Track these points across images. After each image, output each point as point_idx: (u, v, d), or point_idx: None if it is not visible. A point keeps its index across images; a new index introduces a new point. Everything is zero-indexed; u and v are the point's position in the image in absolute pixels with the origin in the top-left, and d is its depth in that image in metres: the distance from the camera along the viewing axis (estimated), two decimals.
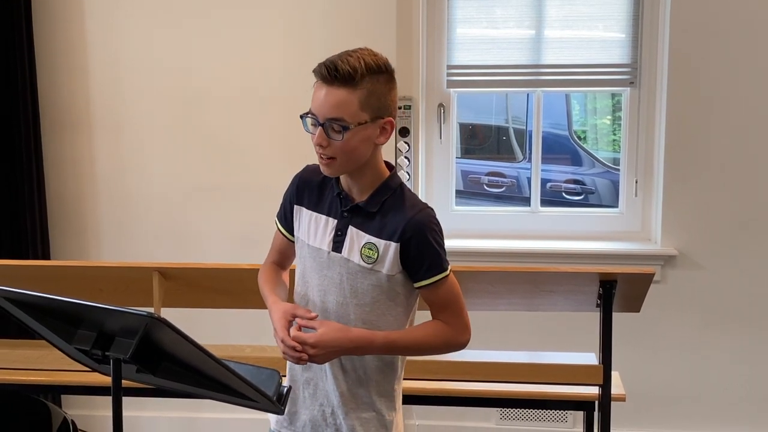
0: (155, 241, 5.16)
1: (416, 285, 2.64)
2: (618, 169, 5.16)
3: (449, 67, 5.03)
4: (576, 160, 5.89)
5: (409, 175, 4.94)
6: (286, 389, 2.44)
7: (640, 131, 4.97)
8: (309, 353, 2.54)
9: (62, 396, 5.16)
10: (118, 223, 5.23)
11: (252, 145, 4.92)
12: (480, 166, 5.82)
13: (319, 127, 2.53)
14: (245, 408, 2.59)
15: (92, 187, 5.20)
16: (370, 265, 2.59)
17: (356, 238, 2.61)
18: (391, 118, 2.61)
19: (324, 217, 2.67)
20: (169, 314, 2.54)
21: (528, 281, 3.94)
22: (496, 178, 5.67)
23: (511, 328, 4.92)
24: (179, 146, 5.12)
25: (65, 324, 2.29)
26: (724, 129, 4.81)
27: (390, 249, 2.57)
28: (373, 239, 2.59)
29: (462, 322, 2.71)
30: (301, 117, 2.61)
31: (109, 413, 2.26)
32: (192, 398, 2.72)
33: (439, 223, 2.65)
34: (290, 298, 2.79)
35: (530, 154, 5.18)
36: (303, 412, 2.74)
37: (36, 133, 5.05)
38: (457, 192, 5.29)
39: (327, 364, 2.65)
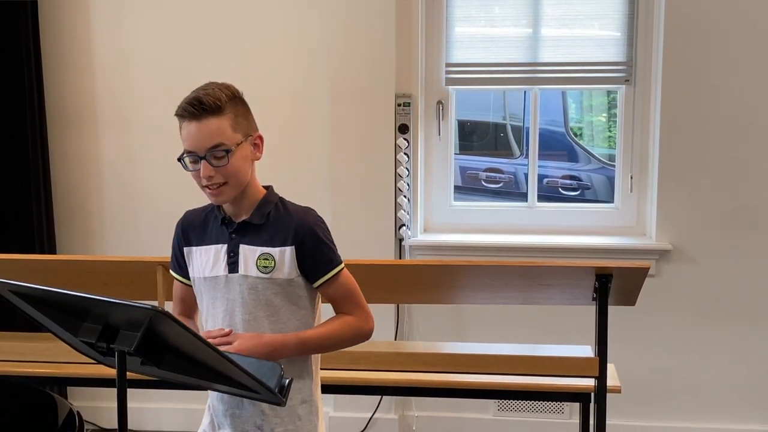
0: (159, 236, 5.17)
1: (315, 285, 2.71)
2: (613, 165, 5.18)
3: (448, 65, 5.06)
4: (572, 156, 5.89)
5: (408, 171, 4.98)
6: (287, 381, 2.45)
7: (635, 128, 5.00)
8: None
9: (68, 388, 5.20)
10: (123, 218, 5.27)
11: None
12: (478, 162, 5.83)
13: (202, 161, 2.61)
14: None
15: (98, 183, 5.25)
16: (268, 275, 2.65)
17: (249, 254, 2.67)
18: (259, 134, 2.73)
19: (213, 246, 2.73)
20: (172, 308, 2.59)
21: (525, 275, 3.97)
22: (494, 174, 5.68)
23: (509, 322, 4.96)
24: None
25: (71, 317, 2.31)
26: (718, 126, 4.84)
27: (286, 254, 2.65)
28: (267, 249, 2.66)
29: (364, 311, 2.78)
30: (179, 160, 2.68)
31: (114, 405, 2.28)
32: (195, 390, 2.77)
33: (324, 221, 2.74)
34: None
35: (527, 150, 5.22)
36: None
37: (42, 130, 5.09)
38: (456, 188, 5.32)
39: None
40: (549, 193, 5.45)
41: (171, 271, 2.91)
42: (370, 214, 4.98)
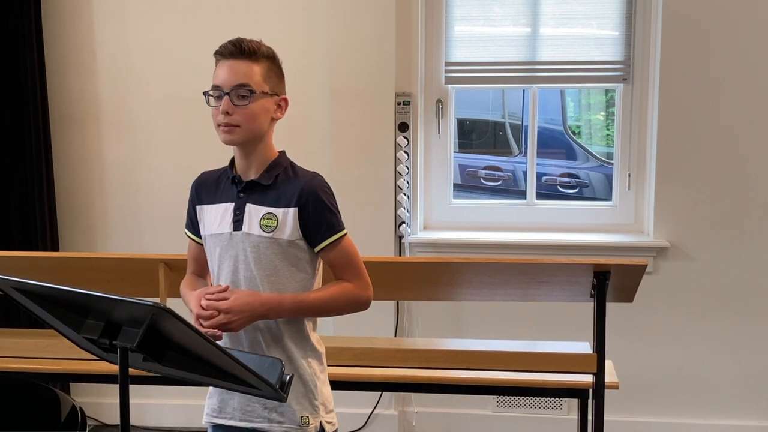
0: (161, 233, 5.21)
1: (317, 249, 2.77)
2: (611, 163, 5.21)
3: (447, 63, 5.09)
4: (570, 154, 5.89)
5: (408, 169, 5.01)
6: (288, 377, 2.47)
7: (633, 126, 5.03)
8: (224, 321, 2.65)
9: (71, 384, 5.22)
10: (125, 216, 5.30)
11: None
12: (477, 160, 5.83)
13: (225, 96, 2.71)
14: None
15: (100, 181, 5.28)
16: (270, 234, 2.71)
17: (254, 212, 2.74)
18: (286, 97, 2.85)
19: (222, 205, 2.81)
20: (174, 304, 2.60)
21: (524, 272, 3.99)
22: (493, 172, 5.69)
23: (508, 318, 4.99)
24: (185, 141, 5.17)
25: (74, 314, 2.33)
26: (714, 124, 4.86)
27: (289, 215, 2.72)
28: (271, 209, 2.73)
29: (364, 280, 2.84)
30: (204, 94, 2.79)
31: (117, 401, 2.30)
32: (197, 386, 2.79)
33: (330, 187, 2.82)
34: None
35: (526, 148, 5.24)
36: (230, 399, 2.83)
37: (45, 130, 5.11)
38: (455, 185, 5.35)
39: (245, 343, 2.76)
40: (547, 191, 5.47)
41: (185, 230, 2.98)
42: (370, 212, 5.00)
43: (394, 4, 4.92)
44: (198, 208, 2.88)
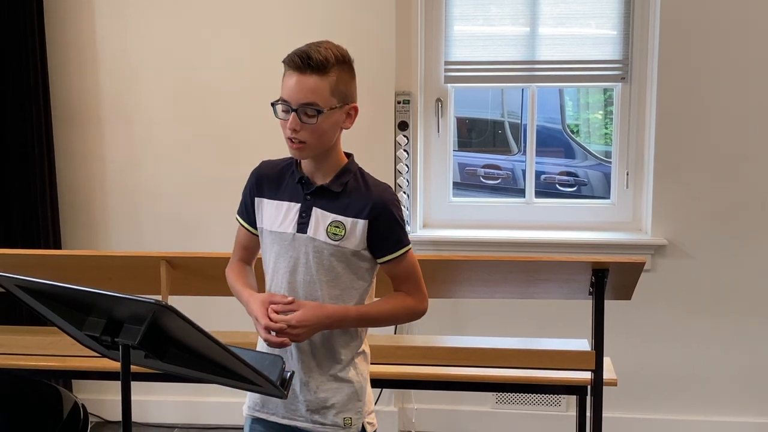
0: (163, 231, 5.22)
1: (380, 261, 2.77)
2: (610, 162, 5.23)
3: (447, 63, 5.10)
4: (569, 153, 5.90)
5: (408, 167, 5.02)
6: (289, 374, 2.50)
7: (631, 125, 5.05)
8: (292, 333, 2.65)
9: (73, 381, 5.24)
10: (127, 213, 5.30)
11: (258, 139, 4.89)
12: (476, 158, 5.84)
13: (293, 113, 2.65)
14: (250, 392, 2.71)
15: (102, 180, 5.28)
16: (336, 242, 2.70)
17: (321, 218, 2.71)
18: (355, 105, 2.76)
19: (286, 203, 2.77)
20: (176, 302, 2.61)
21: (523, 270, 4.00)
22: (492, 171, 5.71)
23: (507, 316, 5.01)
24: (187, 140, 5.18)
25: (76, 311, 2.34)
26: (712, 122, 4.88)
27: (358, 226, 2.70)
28: (340, 217, 2.70)
29: (422, 292, 2.85)
30: (272, 104, 2.72)
31: (118, 397, 2.32)
32: (198, 383, 2.81)
33: (399, 199, 2.82)
34: (261, 288, 2.88)
35: (525, 147, 5.26)
36: None
37: (47, 128, 5.12)
38: (455, 184, 5.36)
39: (293, 345, 2.75)
40: (546, 189, 5.48)
41: (237, 216, 2.95)
42: None
43: (393, 4, 4.94)
44: (257, 200, 2.85)
